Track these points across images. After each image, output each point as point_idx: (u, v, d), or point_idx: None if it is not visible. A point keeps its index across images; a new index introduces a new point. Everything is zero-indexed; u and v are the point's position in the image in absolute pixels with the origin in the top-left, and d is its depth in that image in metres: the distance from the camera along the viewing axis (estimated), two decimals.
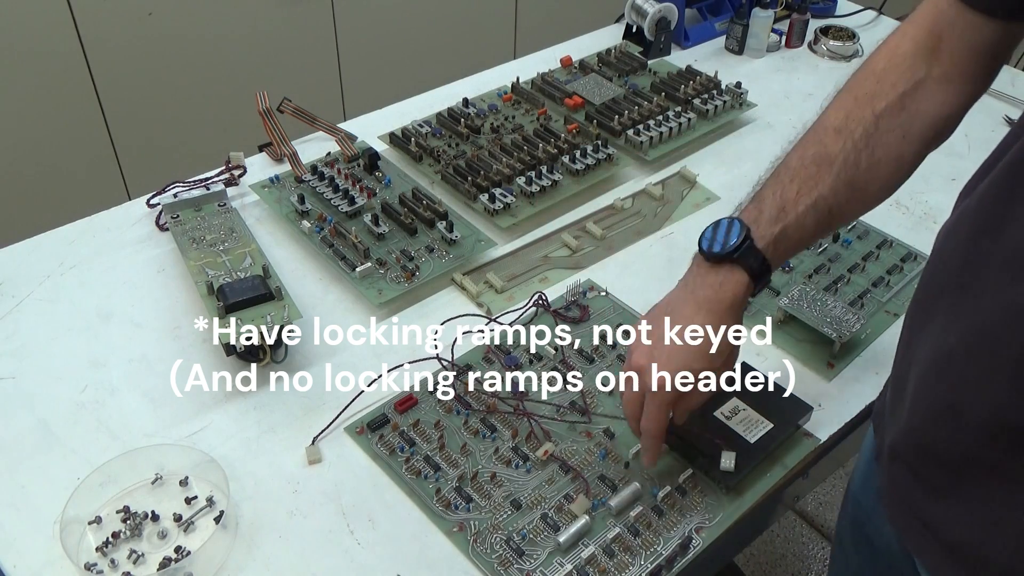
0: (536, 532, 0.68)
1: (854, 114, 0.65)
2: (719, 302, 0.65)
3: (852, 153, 0.64)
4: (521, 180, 1.02)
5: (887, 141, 0.64)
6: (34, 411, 0.77)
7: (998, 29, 0.61)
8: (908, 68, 0.65)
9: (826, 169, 0.65)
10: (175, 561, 0.66)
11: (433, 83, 1.25)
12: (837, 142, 0.65)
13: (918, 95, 0.64)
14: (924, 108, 0.64)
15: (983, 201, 0.55)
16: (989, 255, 0.53)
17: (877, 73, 0.66)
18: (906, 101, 0.64)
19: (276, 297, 0.81)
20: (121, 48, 1.68)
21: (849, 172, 0.64)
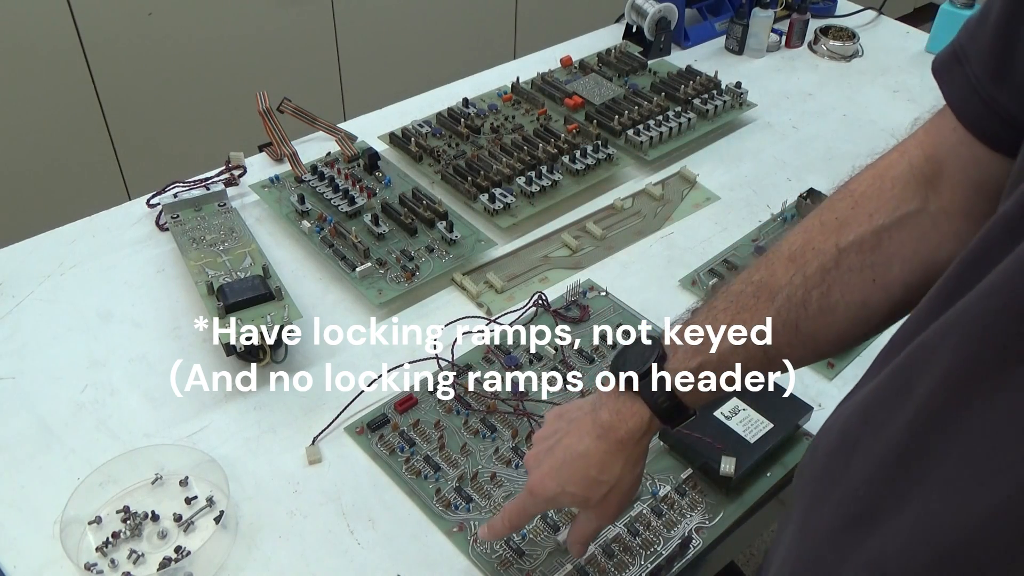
0: (536, 532, 0.68)
1: (814, 242, 0.53)
2: (614, 431, 0.57)
3: (800, 290, 0.52)
4: (521, 180, 1.02)
5: (849, 282, 0.52)
6: (34, 411, 0.77)
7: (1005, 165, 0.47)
8: (895, 197, 0.52)
9: (766, 303, 0.53)
10: (175, 561, 0.66)
11: (433, 83, 1.25)
12: (787, 272, 0.53)
13: (904, 232, 0.51)
14: (911, 249, 0.51)
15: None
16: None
17: (855, 196, 0.53)
18: (884, 237, 0.51)
19: (276, 297, 0.81)
20: (121, 48, 1.68)
21: (794, 312, 0.52)
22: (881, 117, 1.23)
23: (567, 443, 0.59)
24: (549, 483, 0.59)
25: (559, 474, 0.58)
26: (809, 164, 1.13)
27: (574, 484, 0.58)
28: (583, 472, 0.58)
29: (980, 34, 0.46)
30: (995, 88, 0.46)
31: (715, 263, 0.95)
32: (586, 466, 0.58)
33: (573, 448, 0.58)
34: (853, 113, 1.24)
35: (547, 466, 0.59)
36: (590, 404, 0.60)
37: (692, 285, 0.93)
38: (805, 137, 1.18)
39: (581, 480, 0.58)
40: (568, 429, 0.60)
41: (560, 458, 0.59)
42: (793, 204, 1.03)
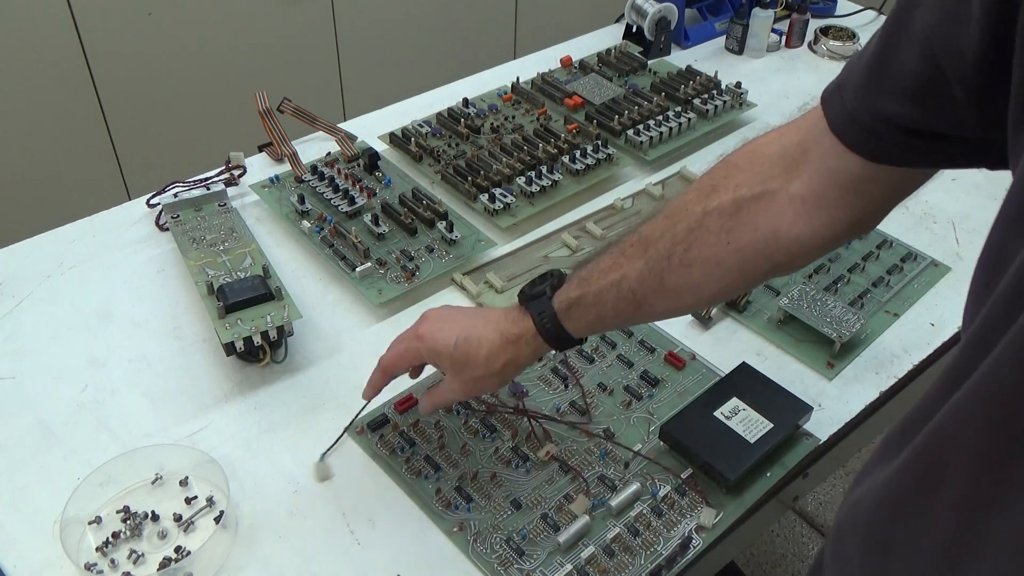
0: (536, 532, 0.68)
1: (688, 205, 0.59)
2: (509, 332, 0.65)
3: (668, 244, 0.59)
4: (521, 180, 1.02)
5: (706, 241, 0.57)
6: (34, 411, 0.77)
7: (862, 165, 0.52)
8: (761, 174, 0.57)
9: (640, 252, 0.60)
10: (175, 561, 0.66)
11: (433, 83, 1.26)
12: (661, 228, 0.60)
13: (761, 205, 0.56)
14: (765, 222, 0.56)
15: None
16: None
17: (729, 167, 0.59)
18: (743, 207, 0.57)
19: (276, 297, 0.81)
20: (121, 48, 1.68)
21: (660, 264, 0.59)
22: None
23: (473, 322, 0.67)
24: (441, 338, 0.67)
25: (454, 338, 0.66)
26: None
27: (462, 353, 0.66)
28: (475, 349, 0.65)
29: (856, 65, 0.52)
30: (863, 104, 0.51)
31: None
32: (479, 346, 0.65)
33: (478, 328, 0.66)
34: None
35: (447, 325, 0.68)
36: (502, 309, 0.68)
37: None
38: None
39: (470, 354, 0.66)
40: (476, 312, 0.69)
41: (462, 327, 0.67)
42: None
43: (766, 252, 0.57)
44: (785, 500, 0.79)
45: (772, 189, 0.56)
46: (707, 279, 0.58)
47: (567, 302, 0.63)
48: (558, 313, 0.64)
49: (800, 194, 0.56)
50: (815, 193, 0.55)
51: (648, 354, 0.84)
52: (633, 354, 0.84)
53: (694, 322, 0.88)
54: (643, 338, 0.85)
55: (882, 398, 0.82)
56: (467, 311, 0.70)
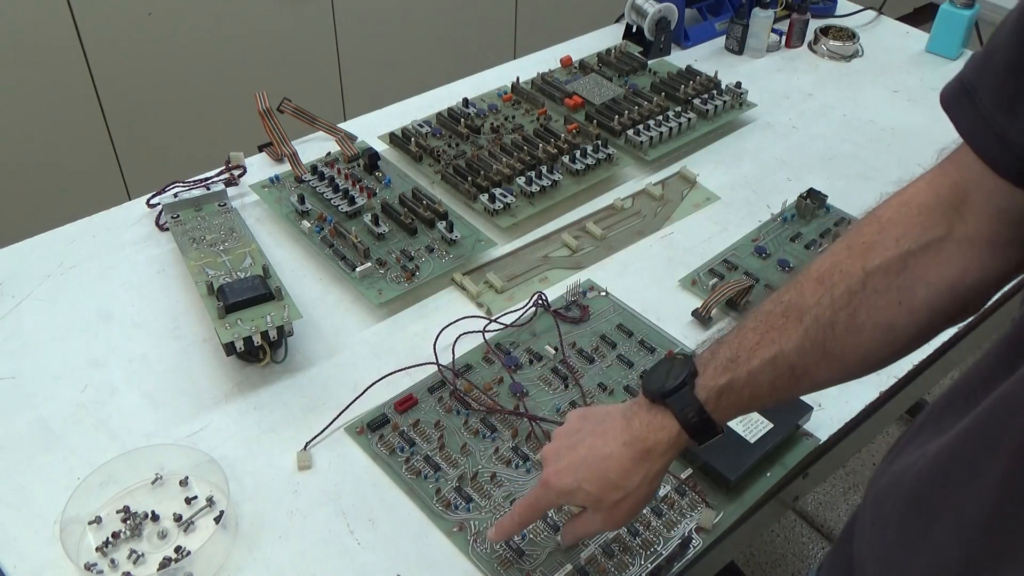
0: (536, 532, 0.68)
1: (842, 265, 0.54)
2: (642, 440, 0.58)
3: (828, 311, 0.54)
4: (521, 180, 1.02)
5: (875, 304, 0.53)
6: (34, 411, 0.77)
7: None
8: (921, 224, 0.53)
9: (795, 323, 0.55)
10: (175, 561, 0.66)
11: (433, 83, 1.25)
12: (815, 294, 0.54)
13: (929, 257, 0.52)
14: (936, 273, 0.52)
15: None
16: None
17: (882, 222, 0.54)
18: (910, 262, 0.52)
19: (276, 297, 0.81)
20: (121, 48, 1.68)
21: (822, 333, 0.54)
22: (881, 117, 1.23)
23: (592, 443, 0.60)
24: (566, 477, 0.60)
25: (578, 470, 0.59)
26: (809, 164, 1.13)
27: (592, 483, 0.59)
28: (603, 473, 0.59)
29: (988, 69, 0.48)
30: (1006, 122, 0.47)
31: (715, 263, 0.95)
32: (608, 468, 0.58)
33: (598, 449, 0.59)
34: (853, 113, 1.24)
35: (567, 461, 0.60)
36: (620, 411, 0.61)
37: (692, 285, 0.93)
38: (805, 137, 1.18)
39: (600, 481, 0.59)
40: (594, 430, 0.61)
41: (582, 456, 0.60)
42: (793, 204, 1.03)
43: (941, 306, 0.53)
44: (785, 500, 0.79)
45: (938, 237, 0.52)
46: (878, 344, 0.54)
47: (715, 390, 0.56)
48: (705, 404, 0.57)
49: (969, 238, 0.51)
50: (985, 236, 0.51)
51: (648, 354, 0.84)
52: (633, 354, 0.84)
53: (694, 322, 0.88)
54: (643, 338, 0.86)
55: (882, 398, 0.82)
56: (584, 428, 0.62)
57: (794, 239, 0.99)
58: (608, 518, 0.61)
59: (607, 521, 0.61)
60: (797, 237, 0.99)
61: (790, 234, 0.99)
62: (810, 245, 0.98)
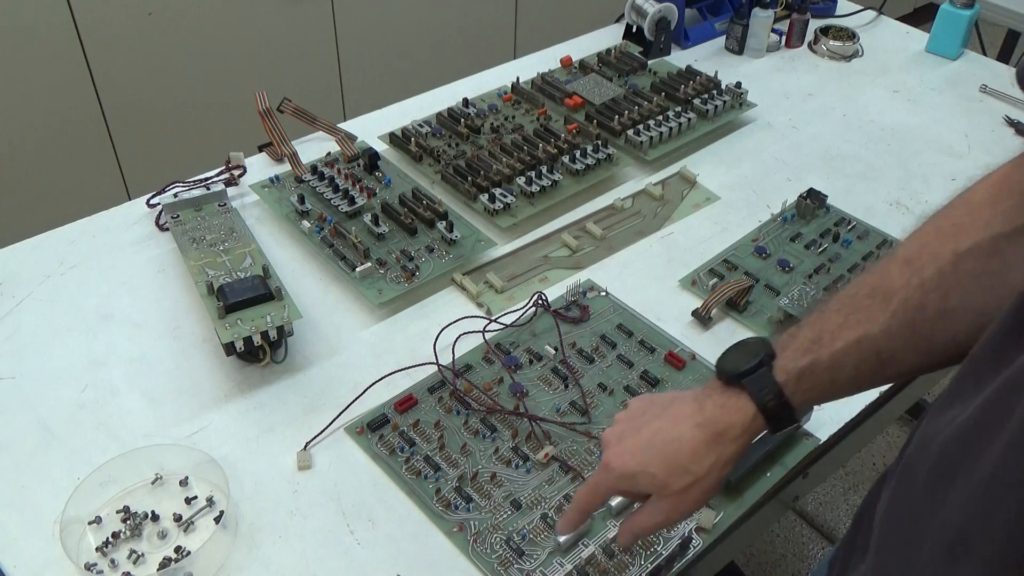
0: (536, 532, 0.68)
1: (931, 247, 0.52)
2: (715, 423, 0.56)
3: (917, 293, 0.52)
4: (521, 180, 1.02)
5: (966, 288, 0.51)
6: (34, 411, 0.77)
7: None
8: (1013, 207, 0.51)
9: (882, 305, 0.53)
10: (175, 561, 0.66)
11: (433, 83, 1.25)
12: (902, 275, 0.53)
13: (1020, 241, 0.50)
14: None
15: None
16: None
17: (972, 204, 0.53)
18: (1001, 244, 0.50)
19: (276, 297, 0.81)
20: (121, 48, 1.68)
21: (910, 315, 0.52)
22: (881, 117, 1.23)
23: (659, 426, 0.57)
24: (630, 460, 0.57)
25: (643, 453, 0.57)
26: (809, 164, 1.13)
27: (658, 467, 0.56)
28: (672, 457, 0.56)
29: None
30: None
31: (715, 263, 0.95)
32: (677, 451, 0.56)
33: (666, 431, 0.57)
34: (853, 113, 1.24)
35: (631, 443, 0.57)
36: (691, 394, 0.58)
37: (692, 285, 0.93)
38: (805, 137, 1.18)
39: (667, 464, 0.56)
40: (661, 414, 0.58)
41: (647, 438, 0.57)
42: (793, 204, 1.03)
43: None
44: (785, 500, 0.79)
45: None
46: (969, 328, 0.51)
47: (795, 372, 0.54)
48: (784, 387, 0.54)
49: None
50: None
51: (648, 354, 0.84)
52: (633, 354, 0.84)
53: (694, 322, 0.88)
54: (643, 338, 0.86)
55: (882, 398, 0.82)
56: (649, 412, 0.59)
57: (794, 239, 0.99)
58: (674, 507, 0.57)
59: (673, 510, 0.57)
60: (797, 237, 0.99)
61: (790, 234, 0.99)
62: (810, 245, 0.98)
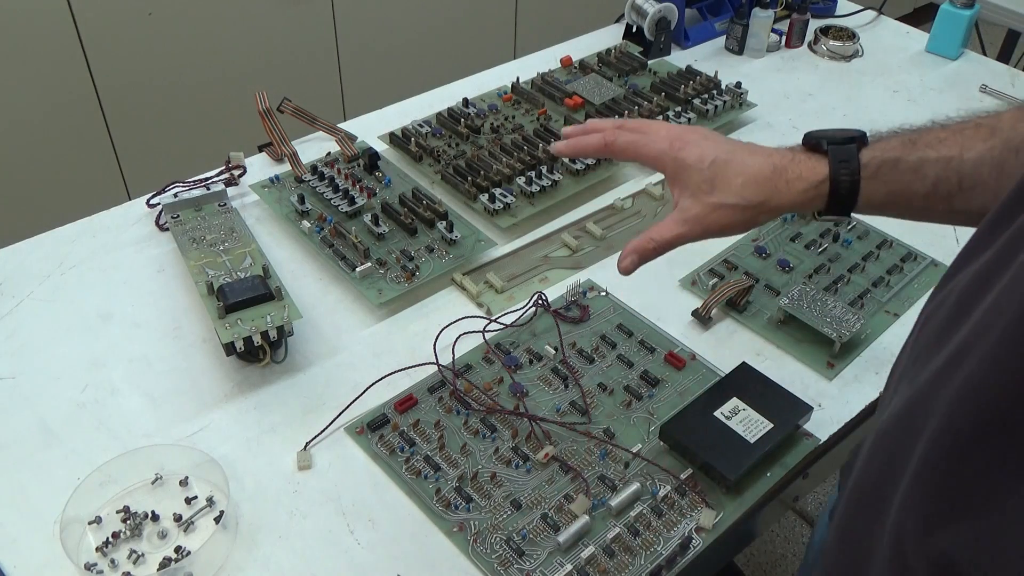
0: (536, 532, 0.68)
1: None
2: (783, 169, 0.57)
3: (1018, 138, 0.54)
4: (521, 180, 1.02)
5: None
6: (34, 411, 0.77)
7: None
8: None
9: (985, 136, 0.55)
10: (175, 561, 0.66)
11: (433, 83, 1.25)
12: (1012, 120, 0.55)
13: None
14: None
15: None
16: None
17: None
18: None
19: (276, 297, 0.81)
20: (121, 48, 1.68)
21: (1005, 154, 0.54)
22: (881, 117, 1.23)
23: (735, 146, 0.59)
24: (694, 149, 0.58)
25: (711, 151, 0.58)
26: None
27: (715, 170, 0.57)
28: (732, 172, 0.57)
29: None
30: None
31: (715, 263, 0.95)
32: (737, 172, 0.57)
33: (739, 152, 0.58)
34: (853, 113, 1.24)
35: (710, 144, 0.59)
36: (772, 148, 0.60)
37: (692, 285, 0.93)
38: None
39: (723, 174, 0.57)
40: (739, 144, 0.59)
41: (720, 144, 0.59)
42: None
43: None
44: (785, 500, 0.79)
45: None
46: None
47: (879, 160, 0.56)
48: (864, 168, 0.56)
49: None
50: None
51: (648, 354, 0.84)
52: (633, 354, 0.84)
53: (694, 322, 0.89)
54: (643, 338, 0.86)
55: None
56: (731, 139, 0.62)
57: (794, 239, 0.99)
58: (698, 217, 0.59)
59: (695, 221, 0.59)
60: (797, 237, 0.99)
61: (790, 234, 0.99)
62: (810, 245, 0.98)
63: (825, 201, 0.58)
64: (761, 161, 0.58)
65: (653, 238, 0.62)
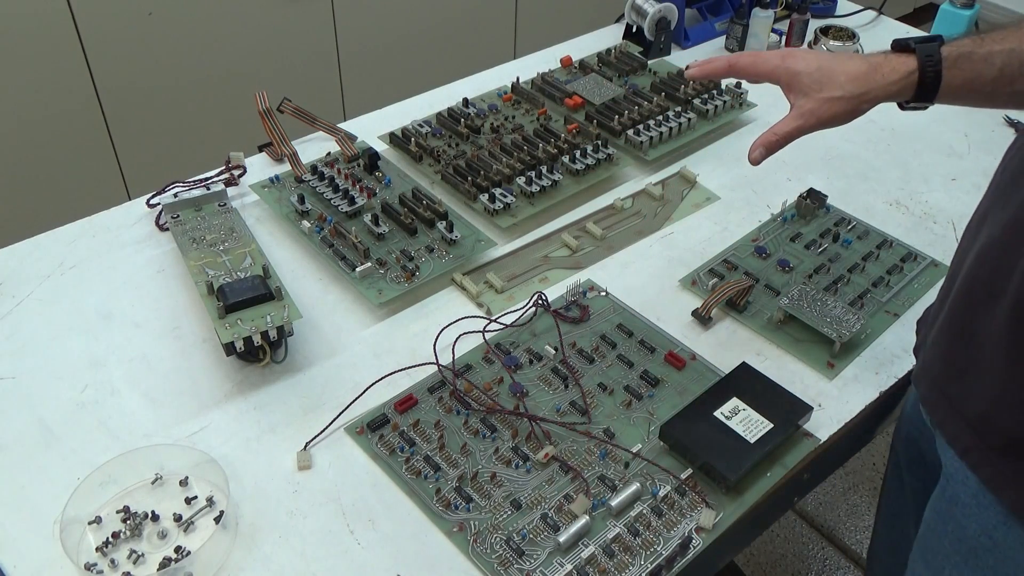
0: (536, 532, 0.68)
1: None
2: (879, 65, 0.71)
3: None
4: (521, 180, 1.02)
5: None
6: (34, 411, 0.77)
7: None
8: None
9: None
10: (175, 561, 0.66)
11: (433, 83, 1.26)
12: None
13: None
14: None
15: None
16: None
17: None
18: None
19: (276, 297, 0.81)
20: (121, 48, 1.68)
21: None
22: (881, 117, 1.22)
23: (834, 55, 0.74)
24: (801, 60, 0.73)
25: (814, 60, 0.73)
26: (809, 164, 1.13)
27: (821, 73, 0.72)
28: (835, 72, 0.72)
29: None
30: None
31: (715, 263, 0.95)
32: (840, 71, 0.72)
33: (837, 59, 0.73)
34: None
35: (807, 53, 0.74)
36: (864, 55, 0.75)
37: (692, 285, 0.93)
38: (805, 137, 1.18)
39: (828, 74, 0.72)
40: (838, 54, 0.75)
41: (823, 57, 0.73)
42: (793, 204, 1.03)
43: None
44: (785, 500, 0.79)
45: None
46: None
47: (956, 53, 0.69)
48: (945, 60, 0.69)
49: None
50: None
51: (648, 354, 0.84)
52: (633, 354, 0.84)
53: (694, 322, 0.89)
54: (643, 338, 0.86)
55: (882, 398, 0.82)
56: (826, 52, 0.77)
57: (794, 239, 0.99)
58: (812, 111, 0.73)
59: (811, 114, 0.73)
60: (797, 237, 0.99)
61: (790, 234, 0.99)
62: (810, 245, 0.98)
63: (914, 90, 0.71)
64: (859, 62, 0.72)
65: (776, 132, 0.75)
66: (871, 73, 0.72)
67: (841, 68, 0.72)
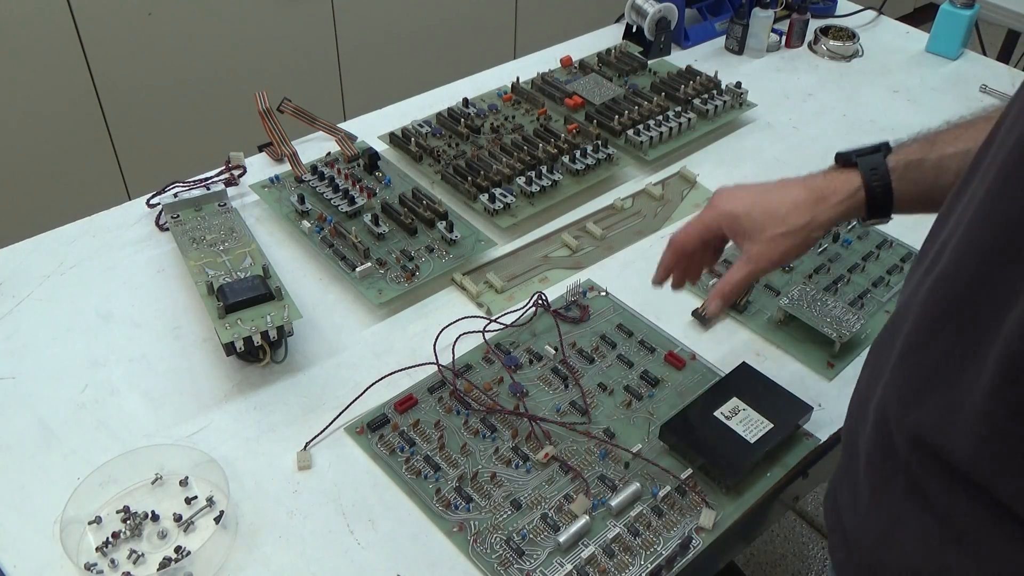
0: (536, 532, 0.68)
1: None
2: (820, 188, 0.65)
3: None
4: (521, 180, 1.02)
5: None
6: (34, 411, 0.77)
7: None
8: None
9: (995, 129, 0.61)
10: (175, 561, 0.66)
11: (433, 83, 1.26)
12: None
13: None
14: None
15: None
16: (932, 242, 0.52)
17: None
18: None
19: (276, 297, 0.81)
20: (121, 48, 1.68)
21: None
22: (881, 117, 1.23)
23: (770, 187, 0.67)
24: (738, 203, 0.67)
25: (751, 199, 0.67)
26: (809, 164, 1.11)
27: (760, 212, 0.66)
28: (775, 207, 0.66)
29: None
30: None
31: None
32: (780, 204, 0.66)
33: (775, 191, 0.67)
34: (853, 113, 1.24)
35: (742, 192, 0.68)
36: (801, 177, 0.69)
37: (692, 285, 0.93)
38: (805, 137, 1.18)
39: (768, 212, 0.66)
40: (771, 184, 0.68)
41: (758, 192, 0.67)
42: None
43: None
44: (785, 500, 0.79)
45: None
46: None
47: (904, 163, 0.63)
48: (892, 171, 0.63)
49: None
50: None
51: (648, 354, 0.84)
52: (633, 354, 0.84)
53: (694, 322, 0.88)
54: (643, 338, 0.86)
55: None
56: (762, 183, 0.70)
57: None
58: (761, 254, 0.66)
59: (760, 257, 0.67)
60: None
61: None
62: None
63: (864, 208, 0.64)
64: (798, 188, 0.66)
65: (728, 281, 0.70)
66: (812, 199, 0.66)
67: (779, 200, 0.66)
